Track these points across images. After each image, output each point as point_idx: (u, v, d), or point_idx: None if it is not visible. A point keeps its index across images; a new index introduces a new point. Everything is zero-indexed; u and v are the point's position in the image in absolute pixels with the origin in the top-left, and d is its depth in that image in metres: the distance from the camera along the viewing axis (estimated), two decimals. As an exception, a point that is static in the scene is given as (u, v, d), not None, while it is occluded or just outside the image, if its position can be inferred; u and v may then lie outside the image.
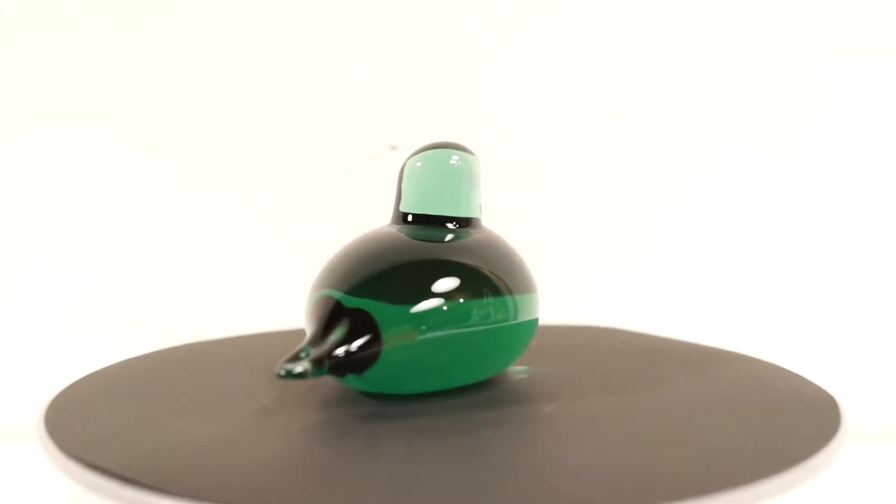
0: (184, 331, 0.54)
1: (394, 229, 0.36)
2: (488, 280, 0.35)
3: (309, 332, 0.33)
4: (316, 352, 0.31)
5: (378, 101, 0.56)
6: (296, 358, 0.31)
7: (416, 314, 0.33)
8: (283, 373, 0.30)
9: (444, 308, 0.33)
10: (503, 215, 0.41)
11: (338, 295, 0.33)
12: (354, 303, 0.33)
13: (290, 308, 0.40)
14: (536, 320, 0.37)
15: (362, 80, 0.56)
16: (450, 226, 0.36)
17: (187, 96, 0.56)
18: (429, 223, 0.37)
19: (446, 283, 0.34)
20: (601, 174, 0.56)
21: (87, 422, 0.32)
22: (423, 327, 0.33)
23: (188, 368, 0.40)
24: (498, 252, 0.36)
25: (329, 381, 0.36)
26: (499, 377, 0.38)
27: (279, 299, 0.52)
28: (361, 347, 0.32)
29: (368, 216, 0.55)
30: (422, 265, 0.34)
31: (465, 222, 0.37)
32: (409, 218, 0.37)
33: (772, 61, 0.56)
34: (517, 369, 0.39)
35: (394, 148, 0.56)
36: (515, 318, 0.35)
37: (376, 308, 0.32)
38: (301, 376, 0.30)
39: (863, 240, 0.56)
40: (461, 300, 0.34)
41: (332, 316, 0.33)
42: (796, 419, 0.32)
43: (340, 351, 0.31)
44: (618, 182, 0.57)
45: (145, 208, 0.56)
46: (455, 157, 0.37)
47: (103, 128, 0.55)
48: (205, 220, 0.56)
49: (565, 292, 0.56)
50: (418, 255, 0.35)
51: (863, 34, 0.55)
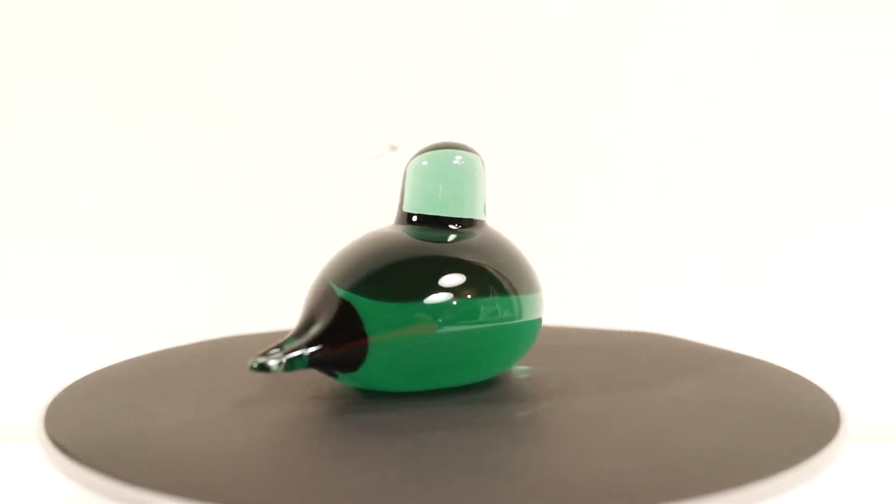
0: (184, 331, 0.54)
1: (396, 229, 0.37)
2: (485, 279, 0.35)
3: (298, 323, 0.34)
4: (293, 344, 0.32)
5: (378, 102, 0.56)
6: (273, 350, 0.31)
7: (402, 311, 0.33)
8: (255, 366, 0.31)
9: (435, 306, 0.33)
10: (503, 215, 0.41)
11: (330, 287, 0.34)
12: (344, 295, 0.33)
13: (291, 308, 0.40)
14: (539, 320, 0.37)
15: (362, 80, 0.56)
16: (453, 226, 0.36)
17: (187, 96, 0.56)
18: (432, 223, 0.36)
19: (437, 281, 0.34)
20: (600, 174, 0.56)
21: (86, 422, 0.32)
22: (412, 324, 0.33)
23: (188, 369, 0.40)
24: (498, 251, 0.36)
25: (333, 383, 0.36)
26: (500, 377, 0.38)
27: (279, 299, 0.52)
28: (340, 340, 0.32)
29: (368, 216, 0.55)
30: (413, 263, 0.34)
31: (468, 223, 0.37)
32: (413, 218, 0.37)
33: (773, 61, 0.56)
34: (519, 369, 0.39)
35: (394, 148, 0.56)
36: (517, 318, 0.35)
37: (361, 303, 0.33)
38: (267, 369, 0.31)
39: (862, 240, 0.56)
40: (454, 298, 0.33)
41: (320, 306, 0.33)
42: (796, 419, 0.32)
43: (311, 348, 0.32)
44: (618, 182, 0.56)
45: (145, 208, 0.56)
46: (459, 157, 0.37)
47: (103, 128, 0.55)
48: (204, 219, 0.56)
49: (566, 293, 0.56)
50: (412, 253, 0.35)
51: (863, 34, 0.55)
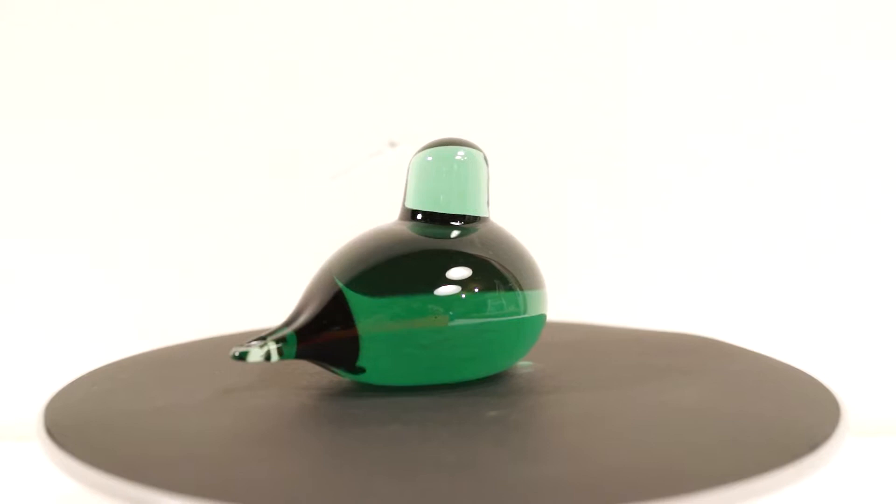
0: (183, 329, 0.54)
1: (399, 225, 0.37)
2: (489, 274, 0.35)
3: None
4: (276, 334, 0.33)
5: (377, 99, 0.56)
6: (255, 340, 0.32)
7: (395, 305, 0.33)
8: (235, 354, 0.32)
9: (434, 300, 0.33)
10: (503, 214, 0.41)
11: (325, 281, 0.34)
12: (339, 288, 0.33)
13: (290, 306, 0.41)
14: (543, 316, 0.37)
15: (361, 77, 0.56)
16: (456, 222, 0.36)
17: (186, 95, 0.55)
18: (435, 220, 0.36)
19: (437, 276, 0.34)
20: (603, 172, 0.56)
21: (86, 420, 0.32)
22: (406, 318, 0.33)
23: (189, 367, 0.39)
24: (502, 247, 0.36)
25: (345, 380, 0.36)
26: (503, 372, 0.38)
27: (279, 297, 0.52)
28: (327, 330, 0.33)
29: (368, 213, 0.55)
30: (409, 258, 0.34)
31: (471, 219, 0.37)
32: (418, 215, 0.37)
33: (775, 61, 0.56)
34: (522, 364, 0.39)
35: (393, 144, 0.56)
36: (522, 313, 0.35)
37: (352, 296, 0.33)
38: (243, 358, 0.32)
39: (863, 237, 0.56)
40: (455, 293, 0.34)
41: (314, 300, 0.34)
42: (797, 414, 0.32)
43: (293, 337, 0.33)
44: (619, 179, 0.56)
45: (144, 207, 0.56)
46: (461, 153, 0.37)
47: (102, 125, 0.55)
48: (203, 218, 0.56)
49: (568, 289, 0.56)
50: (408, 248, 0.35)
51: (863, 34, 0.55)
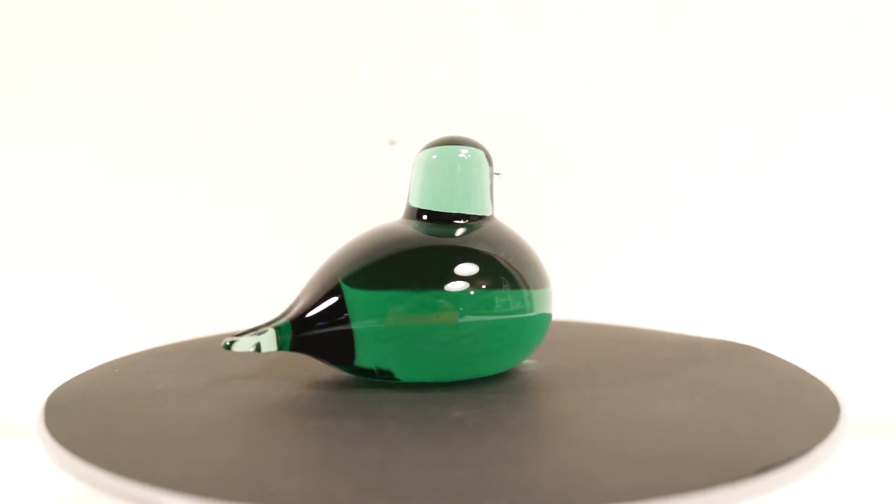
0: (182, 327, 0.55)
1: (401, 223, 0.37)
2: (491, 273, 0.35)
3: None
4: (268, 326, 0.34)
5: (376, 97, 0.56)
6: (248, 331, 0.34)
7: (380, 300, 0.34)
8: (226, 344, 0.33)
9: (431, 297, 0.34)
10: (502, 214, 0.41)
11: (323, 277, 0.35)
12: (336, 284, 0.34)
13: (288, 304, 0.41)
14: (548, 315, 0.37)
15: (362, 76, 0.56)
16: (459, 221, 0.37)
17: (185, 94, 0.55)
18: (440, 218, 0.37)
19: (438, 273, 0.34)
20: (605, 171, 0.57)
21: (86, 419, 0.32)
22: (407, 314, 0.33)
23: (189, 365, 0.39)
24: (506, 245, 0.36)
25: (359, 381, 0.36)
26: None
27: (278, 295, 0.52)
28: (320, 324, 0.34)
29: (368, 211, 0.55)
30: (405, 255, 0.35)
31: (476, 217, 0.37)
32: (421, 213, 0.37)
33: (776, 61, 0.56)
34: (526, 362, 0.39)
35: (392, 143, 0.56)
36: (529, 311, 0.35)
37: (348, 291, 0.34)
38: (227, 347, 0.33)
39: (863, 236, 0.56)
40: (452, 290, 0.34)
41: (312, 295, 0.35)
42: (796, 412, 0.32)
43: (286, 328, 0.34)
44: (620, 179, 0.57)
45: (143, 206, 0.56)
46: (465, 152, 0.37)
47: (103, 125, 0.55)
48: (202, 217, 0.56)
49: (571, 288, 0.56)
50: (406, 246, 0.35)
51: (864, 34, 0.55)
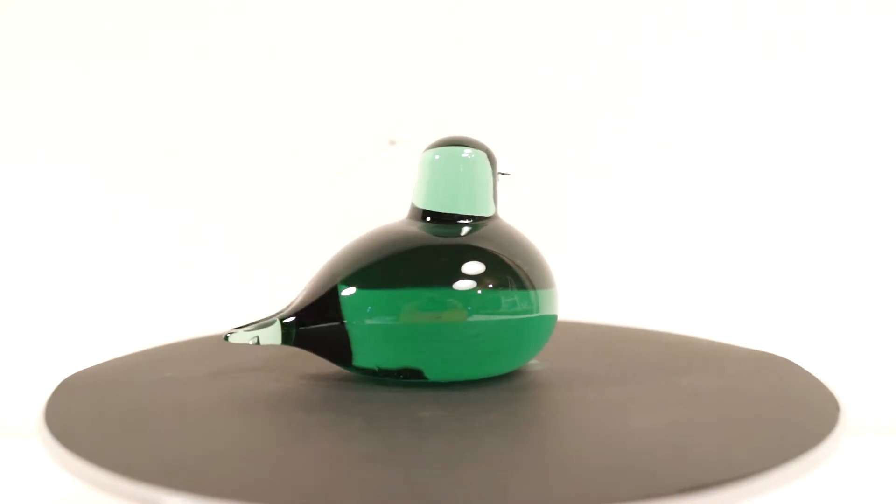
0: (183, 327, 0.55)
1: (404, 223, 0.37)
2: (497, 272, 0.35)
3: None
4: (267, 318, 0.35)
5: (376, 97, 0.56)
6: (248, 324, 0.35)
7: (384, 299, 0.34)
8: (225, 336, 0.35)
9: (447, 294, 0.34)
10: (505, 213, 0.41)
11: (323, 275, 0.36)
12: (333, 282, 0.35)
13: (278, 307, 0.41)
14: (554, 316, 0.37)
15: (361, 76, 0.56)
16: (464, 221, 0.37)
17: (186, 93, 0.55)
18: (444, 219, 0.37)
19: (432, 272, 0.34)
20: (607, 172, 0.57)
21: (87, 417, 0.32)
22: (415, 312, 0.34)
23: (189, 364, 0.40)
24: (510, 244, 0.36)
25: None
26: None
27: (278, 294, 0.52)
28: (315, 320, 0.35)
29: (368, 210, 0.55)
30: (417, 253, 0.35)
31: (480, 217, 0.37)
32: (426, 213, 0.37)
33: (777, 61, 0.56)
34: (532, 363, 0.39)
35: (392, 143, 0.56)
36: (535, 312, 0.35)
37: (350, 291, 0.35)
38: (226, 339, 0.35)
39: (861, 235, 0.56)
40: (439, 289, 0.34)
41: (311, 292, 0.35)
42: (796, 412, 0.32)
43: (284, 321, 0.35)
44: (623, 180, 0.57)
45: (143, 205, 0.56)
46: (468, 152, 0.37)
47: (104, 124, 0.55)
48: (202, 216, 0.56)
49: (570, 289, 0.56)
50: (415, 244, 0.35)
51: (863, 35, 0.56)
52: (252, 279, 0.56)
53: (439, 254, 0.35)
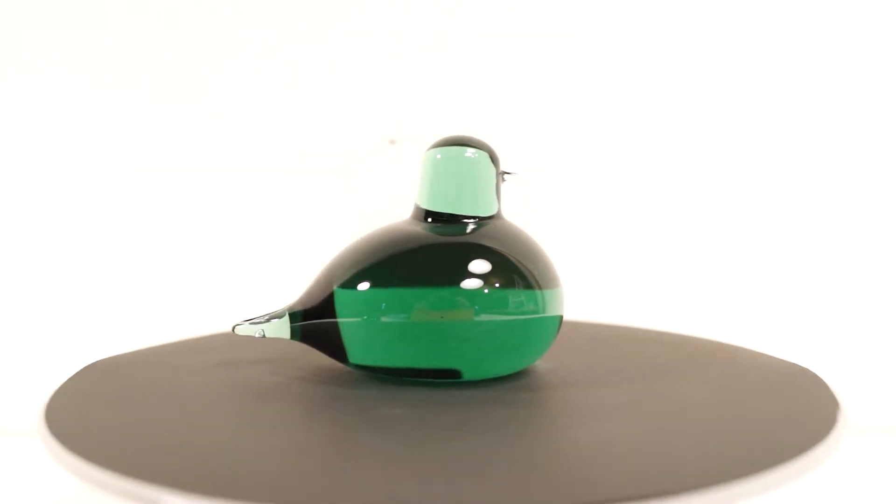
0: (183, 327, 0.54)
1: (408, 223, 0.37)
2: (504, 271, 0.34)
3: None
4: (274, 313, 0.36)
5: (377, 96, 0.56)
6: (257, 318, 0.36)
7: (350, 297, 0.35)
8: (234, 327, 0.36)
9: (455, 293, 0.34)
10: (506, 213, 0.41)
11: (325, 273, 0.37)
12: (330, 282, 0.36)
13: (287, 303, 0.41)
14: (557, 317, 0.36)
15: (361, 76, 0.56)
16: (469, 220, 0.36)
17: (186, 93, 0.55)
18: (446, 219, 0.37)
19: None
20: (608, 172, 0.56)
21: (86, 417, 0.32)
22: (424, 311, 0.34)
23: (188, 363, 0.40)
24: (516, 244, 0.36)
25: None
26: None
27: (277, 294, 0.52)
28: (312, 316, 0.36)
29: (368, 210, 0.55)
30: (423, 252, 0.35)
31: (484, 217, 0.37)
32: (427, 213, 0.37)
33: (777, 61, 0.56)
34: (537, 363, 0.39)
35: (392, 142, 0.56)
36: (541, 312, 0.35)
37: (352, 291, 0.35)
38: (234, 329, 0.36)
39: (861, 235, 0.56)
40: (470, 287, 0.34)
41: (313, 291, 0.36)
42: (797, 412, 0.32)
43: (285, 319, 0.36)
44: (624, 180, 0.57)
45: (143, 204, 0.56)
46: (471, 152, 0.37)
47: (105, 123, 0.55)
48: (202, 216, 0.56)
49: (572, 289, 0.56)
50: (420, 243, 0.35)
51: (862, 36, 0.56)
52: (251, 279, 0.56)
53: (445, 252, 0.35)
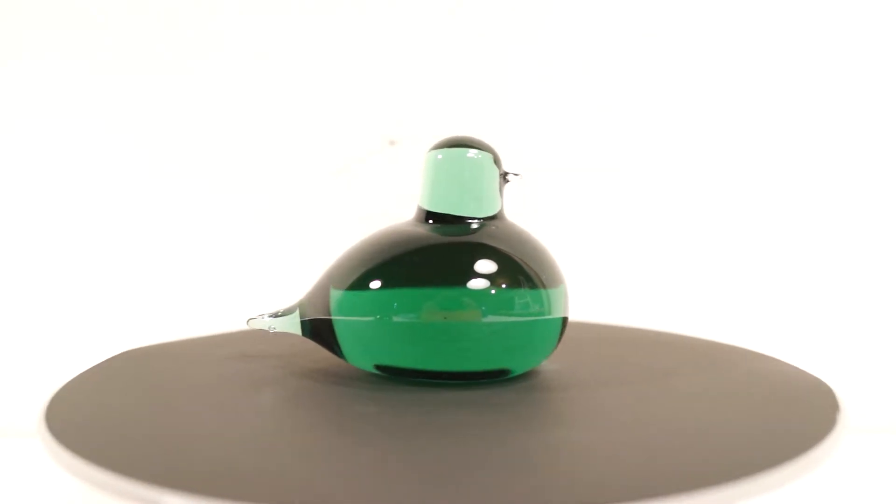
0: (184, 327, 0.54)
1: (407, 224, 0.37)
2: (509, 271, 0.35)
3: None
4: (284, 309, 0.38)
5: (377, 96, 0.56)
6: (269, 314, 0.38)
7: (344, 298, 0.35)
8: (248, 320, 0.38)
9: (462, 294, 0.34)
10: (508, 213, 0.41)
11: (328, 272, 0.38)
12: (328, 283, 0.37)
13: (287, 302, 0.41)
14: (564, 318, 0.37)
15: (361, 76, 0.56)
16: (472, 221, 0.36)
17: (186, 93, 0.55)
18: (448, 220, 0.37)
19: (419, 271, 0.34)
20: (610, 173, 0.57)
21: (87, 417, 0.32)
22: (431, 311, 0.34)
23: (189, 363, 0.40)
24: (521, 244, 0.36)
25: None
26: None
27: (277, 293, 0.52)
28: (312, 313, 0.37)
29: (368, 210, 0.55)
30: (429, 251, 0.35)
31: (487, 217, 0.37)
32: (429, 215, 0.37)
33: (781, 61, 0.56)
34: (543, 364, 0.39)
35: (392, 143, 0.56)
36: (547, 313, 0.35)
37: (336, 291, 0.36)
38: (248, 322, 0.38)
39: (860, 236, 0.56)
40: (477, 287, 0.34)
41: (316, 290, 0.37)
42: (796, 412, 0.32)
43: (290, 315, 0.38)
44: (624, 180, 0.57)
45: (143, 204, 0.56)
46: (473, 153, 0.37)
47: (103, 123, 0.55)
48: (202, 215, 0.56)
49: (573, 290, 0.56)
50: (425, 243, 0.35)
51: (861, 36, 0.56)
52: (250, 279, 0.56)
53: (450, 252, 0.35)
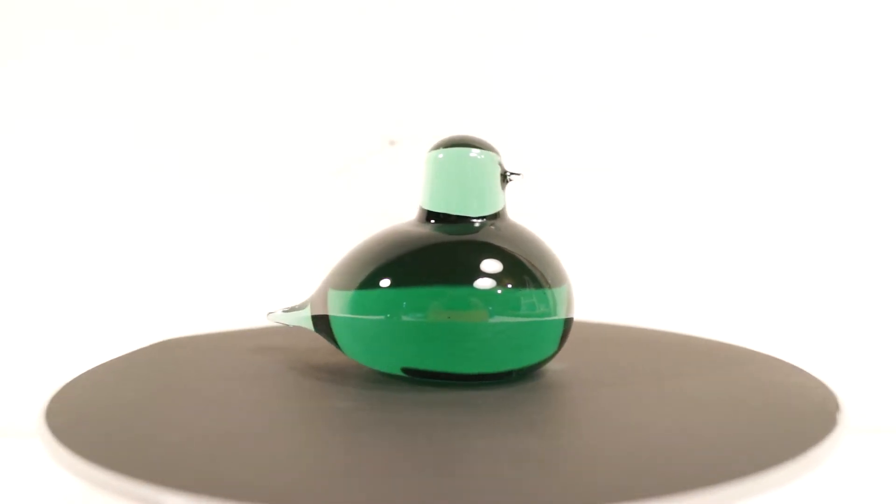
0: (183, 325, 0.54)
1: (409, 224, 0.37)
2: (514, 271, 0.35)
3: None
4: (294, 306, 0.39)
5: (377, 96, 0.56)
6: (286, 309, 0.39)
7: (350, 298, 0.36)
8: (268, 314, 0.40)
9: (468, 293, 0.34)
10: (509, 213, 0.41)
11: (348, 268, 0.38)
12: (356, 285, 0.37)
13: (287, 302, 0.41)
14: (570, 319, 0.37)
15: (361, 76, 0.56)
16: (474, 220, 0.36)
17: (187, 93, 0.55)
18: (451, 220, 0.37)
19: (424, 271, 0.35)
20: (610, 173, 0.57)
21: (87, 417, 0.32)
22: (437, 311, 0.34)
23: (189, 362, 0.40)
24: (524, 244, 0.36)
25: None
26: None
27: (276, 293, 0.52)
28: (314, 311, 0.38)
29: (368, 210, 0.55)
30: (433, 250, 0.35)
31: (490, 216, 0.37)
32: (430, 215, 0.37)
33: (779, 61, 0.56)
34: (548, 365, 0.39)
35: (392, 143, 0.56)
36: (552, 313, 0.35)
37: (328, 288, 0.37)
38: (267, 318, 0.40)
39: (860, 237, 0.56)
40: (483, 286, 0.34)
41: (319, 290, 0.38)
42: (796, 412, 0.32)
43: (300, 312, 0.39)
44: (624, 181, 0.57)
45: (143, 205, 0.56)
46: (475, 152, 0.37)
47: (104, 128, 0.55)
48: (202, 216, 0.56)
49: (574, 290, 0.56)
50: (430, 242, 0.35)
51: (860, 37, 0.56)
52: (249, 279, 0.56)
53: (457, 251, 0.35)
